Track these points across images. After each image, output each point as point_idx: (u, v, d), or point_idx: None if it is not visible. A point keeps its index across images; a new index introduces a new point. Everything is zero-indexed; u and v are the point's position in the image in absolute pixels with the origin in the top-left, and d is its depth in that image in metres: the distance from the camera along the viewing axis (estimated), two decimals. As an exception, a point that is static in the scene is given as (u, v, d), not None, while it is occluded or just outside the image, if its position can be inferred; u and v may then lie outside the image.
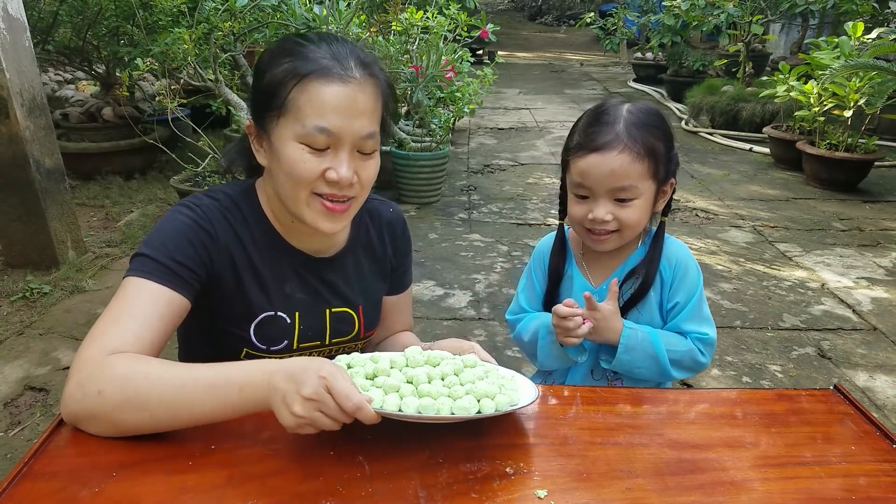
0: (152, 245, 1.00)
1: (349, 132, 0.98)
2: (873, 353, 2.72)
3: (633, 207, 1.17)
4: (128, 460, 0.84)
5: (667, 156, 1.18)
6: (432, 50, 4.29)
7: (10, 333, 2.76)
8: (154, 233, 1.02)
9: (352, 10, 4.12)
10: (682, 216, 4.42)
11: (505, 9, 25.18)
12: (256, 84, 1.03)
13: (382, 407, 0.82)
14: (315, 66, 0.97)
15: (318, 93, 0.96)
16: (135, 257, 1.00)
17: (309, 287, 1.14)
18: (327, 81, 0.96)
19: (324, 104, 0.96)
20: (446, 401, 0.84)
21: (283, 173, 1.00)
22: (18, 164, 3.06)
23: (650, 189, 1.18)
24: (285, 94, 0.97)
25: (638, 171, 1.14)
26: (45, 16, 4.24)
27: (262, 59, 1.04)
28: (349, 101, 0.97)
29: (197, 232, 1.02)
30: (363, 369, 0.91)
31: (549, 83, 10.11)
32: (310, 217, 1.02)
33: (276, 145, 0.99)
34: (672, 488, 0.83)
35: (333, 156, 0.99)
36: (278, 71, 0.98)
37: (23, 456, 0.84)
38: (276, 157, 1.00)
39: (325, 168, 0.98)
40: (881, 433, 0.96)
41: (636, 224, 1.19)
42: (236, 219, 1.08)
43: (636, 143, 1.14)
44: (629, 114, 1.16)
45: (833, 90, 4.65)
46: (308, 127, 0.96)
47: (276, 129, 0.99)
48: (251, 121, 1.05)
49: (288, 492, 0.80)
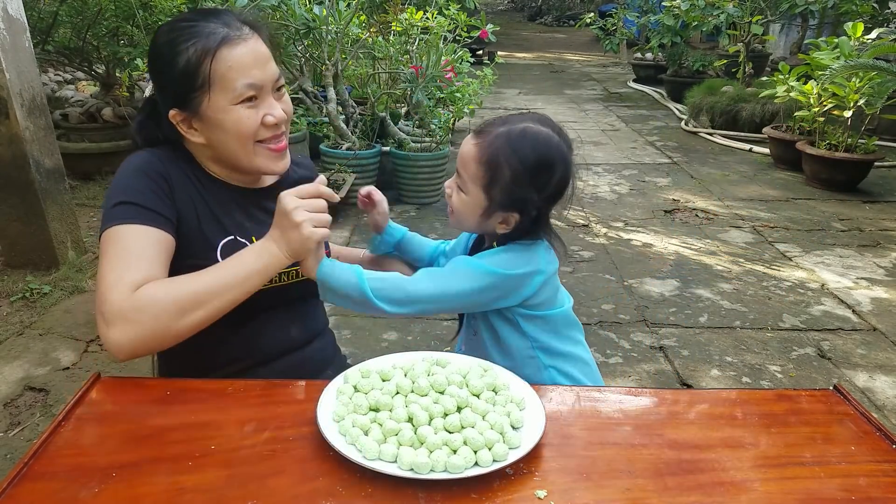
0: (126, 193, 1.07)
1: (268, 79, 1.11)
2: (873, 353, 2.72)
3: (461, 199, 1.18)
4: (128, 460, 0.84)
5: (510, 186, 1.12)
6: (432, 50, 4.29)
7: (10, 334, 2.76)
8: (118, 185, 1.09)
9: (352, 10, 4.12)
10: (682, 216, 4.43)
11: (505, 9, 25.19)
12: (169, 74, 1.09)
13: (379, 457, 0.84)
14: (217, 38, 1.07)
15: (232, 57, 1.07)
16: (112, 208, 1.07)
17: (254, 216, 1.23)
18: (233, 45, 1.07)
19: (241, 64, 1.07)
20: (441, 455, 0.83)
21: (229, 137, 1.10)
22: (18, 165, 3.06)
23: (479, 199, 1.15)
24: (208, 71, 1.06)
25: (472, 170, 1.14)
26: (44, 16, 4.24)
27: (159, 53, 1.10)
28: (255, 55, 1.09)
29: (156, 179, 1.11)
30: (366, 400, 0.93)
31: (549, 83, 10.11)
32: (263, 164, 1.15)
33: (215, 117, 1.09)
34: (672, 488, 0.83)
35: (262, 103, 1.11)
36: (189, 55, 1.06)
37: (23, 456, 0.84)
38: (218, 126, 1.10)
39: (262, 115, 1.11)
40: (881, 434, 0.96)
41: (460, 215, 1.20)
42: (179, 165, 1.16)
43: (488, 148, 1.12)
44: (522, 131, 1.13)
45: (833, 90, 4.65)
46: (238, 88, 1.07)
47: (208, 104, 1.08)
48: (176, 110, 1.11)
49: (288, 492, 0.80)
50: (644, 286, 3.33)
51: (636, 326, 2.93)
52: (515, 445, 0.86)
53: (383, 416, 0.90)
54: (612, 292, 3.25)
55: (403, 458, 0.83)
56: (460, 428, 0.88)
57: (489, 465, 0.83)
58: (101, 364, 2.55)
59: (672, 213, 4.49)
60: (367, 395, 0.94)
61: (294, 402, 0.99)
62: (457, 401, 0.93)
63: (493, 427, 0.88)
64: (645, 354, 2.70)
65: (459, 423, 0.89)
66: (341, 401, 0.94)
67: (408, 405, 0.92)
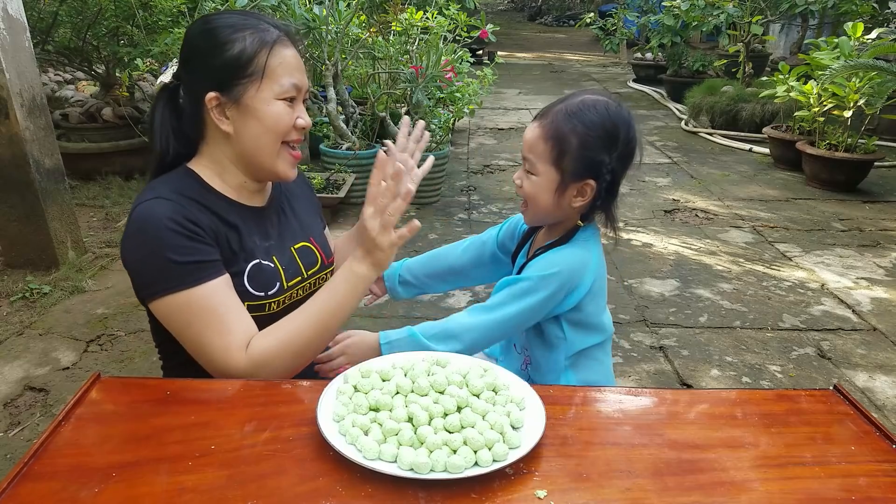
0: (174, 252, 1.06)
1: (304, 85, 1.17)
2: (873, 353, 2.72)
3: (532, 182, 1.19)
4: (128, 460, 0.84)
5: (580, 153, 1.15)
6: (432, 50, 4.29)
7: (10, 333, 2.76)
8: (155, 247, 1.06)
9: (352, 10, 4.12)
10: (682, 216, 4.43)
11: (505, 9, 25.18)
12: (218, 58, 1.10)
13: (379, 457, 0.84)
14: (274, 35, 1.12)
15: (284, 56, 1.13)
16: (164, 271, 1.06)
17: (268, 234, 1.25)
18: (286, 46, 1.14)
19: (290, 65, 1.13)
20: (441, 455, 0.83)
21: (264, 130, 1.13)
22: (18, 165, 3.06)
23: (551, 175, 1.17)
24: (263, 62, 1.10)
25: (539, 149, 1.17)
26: (44, 16, 4.24)
27: (209, 35, 1.12)
28: (298, 61, 1.16)
29: (188, 226, 1.09)
30: (366, 400, 0.93)
31: (549, 83, 10.11)
32: (282, 168, 1.18)
33: (256, 106, 1.12)
34: (672, 488, 0.83)
35: (297, 106, 1.17)
36: (247, 43, 1.10)
37: (23, 456, 0.84)
38: (256, 117, 1.12)
39: (295, 117, 1.16)
40: (881, 433, 0.96)
41: (534, 200, 1.20)
42: (195, 202, 1.14)
43: (551, 124, 1.16)
44: (580, 103, 1.17)
45: (833, 90, 4.65)
46: (285, 84, 1.12)
47: (254, 93, 1.11)
48: (216, 93, 1.12)
49: (288, 492, 0.80)
50: (644, 286, 3.33)
51: (636, 326, 2.93)
52: (515, 445, 0.86)
53: (383, 416, 0.90)
54: (612, 292, 3.25)
55: (403, 458, 0.83)
56: (460, 428, 0.88)
57: (489, 465, 0.83)
58: (101, 364, 2.55)
59: (672, 213, 4.49)
60: (367, 395, 0.94)
61: (294, 402, 0.99)
62: (457, 401, 0.93)
63: (493, 427, 0.88)
64: (645, 354, 2.70)
65: (459, 423, 0.89)
66: (341, 401, 0.94)
67: (408, 405, 0.92)
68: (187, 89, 1.17)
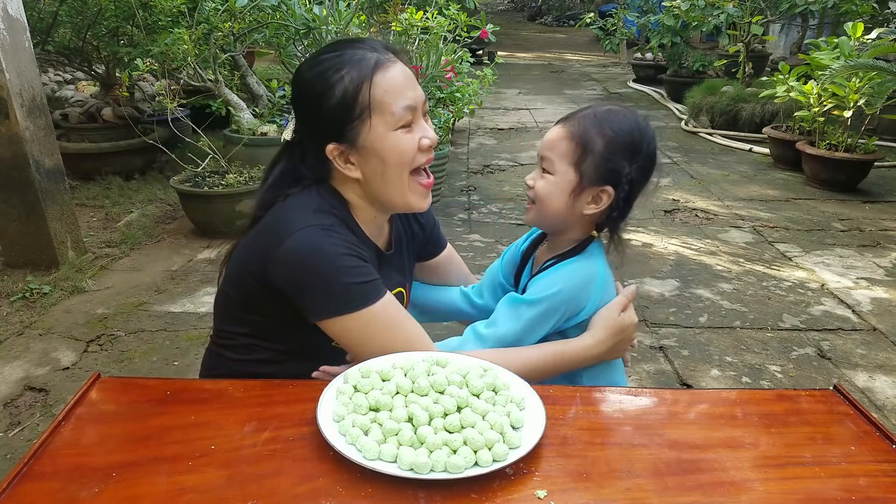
0: (352, 275, 1.06)
1: (420, 99, 1.10)
2: (873, 353, 2.72)
3: (547, 181, 1.17)
4: (128, 460, 0.84)
5: (603, 157, 1.14)
6: (432, 50, 4.29)
7: (10, 333, 2.76)
8: (334, 270, 1.05)
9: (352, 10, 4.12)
10: (682, 216, 4.43)
11: (505, 9, 25.18)
12: (324, 108, 1.07)
13: (379, 457, 0.84)
14: (370, 63, 1.07)
15: (387, 80, 1.06)
16: (347, 291, 1.05)
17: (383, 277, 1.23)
18: (386, 68, 1.07)
19: (396, 87, 1.07)
20: (441, 455, 0.83)
21: (389, 166, 1.09)
22: (18, 165, 3.06)
23: (569, 176, 1.15)
24: (367, 98, 1.05)
25: (562, 148, 1.16)
26: (44, 16, 4.24)
27: (309, 88, 1.09)
28: (405, 76, 1.09)
29: (357, 252, 1.09)
30: (366, 400, 0.93)
31: (549, 83, 10.11)
32: (415, 201, 1.15)
33: (374, 145, 1.08)
34: (672, 488, 0.83)
35: (416, 126, 1.11)
36: (346, 84, 1.06)
37: (23, 456, 0.84)
38: (377, 156, 1.08)
39: (418, 139, 1.10)
40: (881, 434, 0.96)
41: (546, 200, 1.17)
42: (350, 233, 1.13)
43: (577, 126, 1.16)
44: (608, 110, 1.18)
45: (833, 90, 4.65)
46: (397, 112, 1.07)
47: (368, 132, 1.07)
48: (334, 144, 1.09)
49: (288, 492, 0.80)
50: (644, 286, 3.33)
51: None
52: (515, 445, 0.86)
53: (383, 416, 0.90)
54: (612, 292, 3.25)
55: (403, 458, 0.83)
56: (460, 428, 0.88)
57: (489, 465, 0.83)
58: (101, 364, 2.55)
59: (672, 213, 4.49)
60: (367, 395, 0.94)
61: (294, 402, 0.99)
62: (457, 401, 0.93)
63: (493, 427, 0.88)
64: (645, 354, 2.70)
65: (459, 423, 0.89)
66: (341, 401, 0.94)
67: (408, 405, 0.92)
68: (307, 140, 1.14)
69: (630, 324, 1.20)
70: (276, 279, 1.08)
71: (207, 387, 1.05)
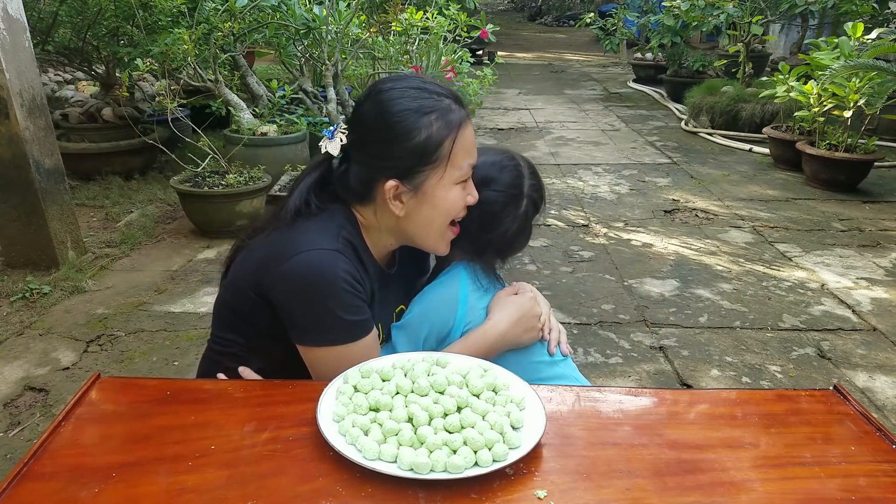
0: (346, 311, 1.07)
1: (476, 160, 1.14)
2: (873, 353, 2.72)
3: None
4: (128, 460, 0.84)
5: None
6: (432, 50, 4.29)
7: (10, 334, 2.76)
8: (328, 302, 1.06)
9: (352, 10, 4.12)
10: (682, 216, 4.43)
11: (505, 9, 25.19)
12: (403, 145, 1.06)
13: (379, 457, 0.84)
14: (458, 116, 1.09)
15: (465, 137, 1.09)
16: (327, 329, 1.07)
17: (387, 300, 1.25)
18: (466, 126, 1.10)
19: (469, 145, 1.11)
20: (441, 455, 0.83)
21: (437, 214, 1.12)
22: (18, 165, 3.06)
23: None
24: (449, 150, 1.07)
25: None
26: (44, 16, 4.24)
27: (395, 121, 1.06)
28: (473, 137, 1.12)
29: (357, 288, 1.09)
30: (366, 400, 0.93)
31: (549, 83, 10.11)
32: (442, 246, 1.18)
33: (436, 193, 1.09)
34: (672, 488, 0.83)
35: (467, 184, 1.14)
36: (433, 130, 1.06)
37: (23, 456, 0.84)
38: (432, 203, 1.10)
39: (465, 196, 1.14)
40: (881, 434, 0.96)
41: None
42: (358, 260, 1.13)
43: None
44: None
45: (833, 90, 4.65)
46: (465, 168, 1.10)
47: (436, 181, 1.08)
48: (396, 182, 1.08)
49: (287, 492, 0.80)
50: (644, 286, 3.33)
51: (636, 326, 2.93)
52: (515, 445, 0.86)
53: (383, 416, 0.90)
54: (612, 292, 3.25)
55: (403, 458, 0.83)
56: (460, 428, 0.88)
57: (489, 465, 0.83)
58: (101, 364, 2.55)
59: (672, 213, 4.49)
60: (367, 395, 0.94)
61: (294, 402, 0.99)
62: (457, 401, 0.93)
63: (493, 427, 0.88)
64: (645, 354, 2.70)
65: (459, 423, 0.89)
66: (341, 401, 0.94)
67: (408, 405, 0.92)
68: (361, 164, 1.12)
69: (527, 302, 1.23)
70: (271, 292, 1.09)
71: (207, 387, 1.05)
